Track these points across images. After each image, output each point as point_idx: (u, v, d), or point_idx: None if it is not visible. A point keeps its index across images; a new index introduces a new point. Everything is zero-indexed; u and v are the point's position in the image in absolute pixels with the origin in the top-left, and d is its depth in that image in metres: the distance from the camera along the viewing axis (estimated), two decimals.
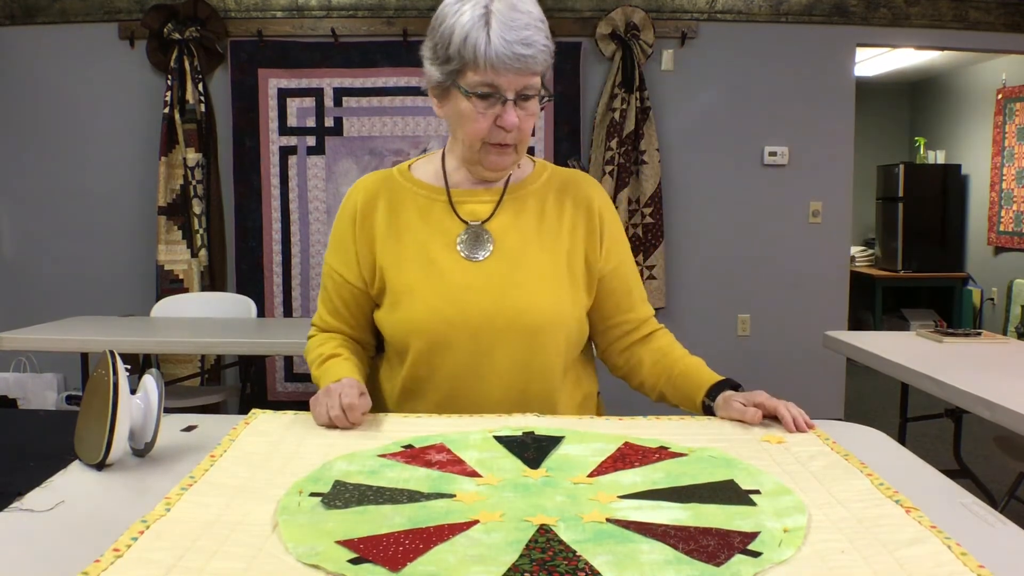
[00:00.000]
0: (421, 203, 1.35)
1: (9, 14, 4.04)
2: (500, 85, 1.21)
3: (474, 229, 1.33)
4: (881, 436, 1.21)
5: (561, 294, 1.32)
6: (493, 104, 1.23)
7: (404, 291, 1.31)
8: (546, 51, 1.23)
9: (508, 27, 1.18)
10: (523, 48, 1.19)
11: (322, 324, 1.42)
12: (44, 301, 4.08)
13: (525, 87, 1.22)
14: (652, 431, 1.16)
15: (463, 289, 1.29)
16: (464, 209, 1.34)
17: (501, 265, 1.31)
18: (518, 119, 1.24)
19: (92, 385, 1.04)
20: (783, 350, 4.28)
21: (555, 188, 1.38)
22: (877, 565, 0.74)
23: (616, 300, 1.40)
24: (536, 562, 0.73)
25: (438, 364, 1.30)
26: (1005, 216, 5.72)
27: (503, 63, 1.19)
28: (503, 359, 1.28)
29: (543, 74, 1.25)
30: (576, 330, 1.36)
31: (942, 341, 2.46)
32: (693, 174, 4.22)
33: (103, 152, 4.11)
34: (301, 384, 4.18)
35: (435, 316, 1.28)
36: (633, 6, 4.04)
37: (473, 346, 1.28)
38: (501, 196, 1.35)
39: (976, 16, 4.21)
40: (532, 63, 1.20)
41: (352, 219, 1.36)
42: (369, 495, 0.90)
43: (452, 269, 1.30)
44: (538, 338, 1.29)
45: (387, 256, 1.33)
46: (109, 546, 0.75)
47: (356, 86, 4.06)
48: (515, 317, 1.28)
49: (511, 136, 1.25)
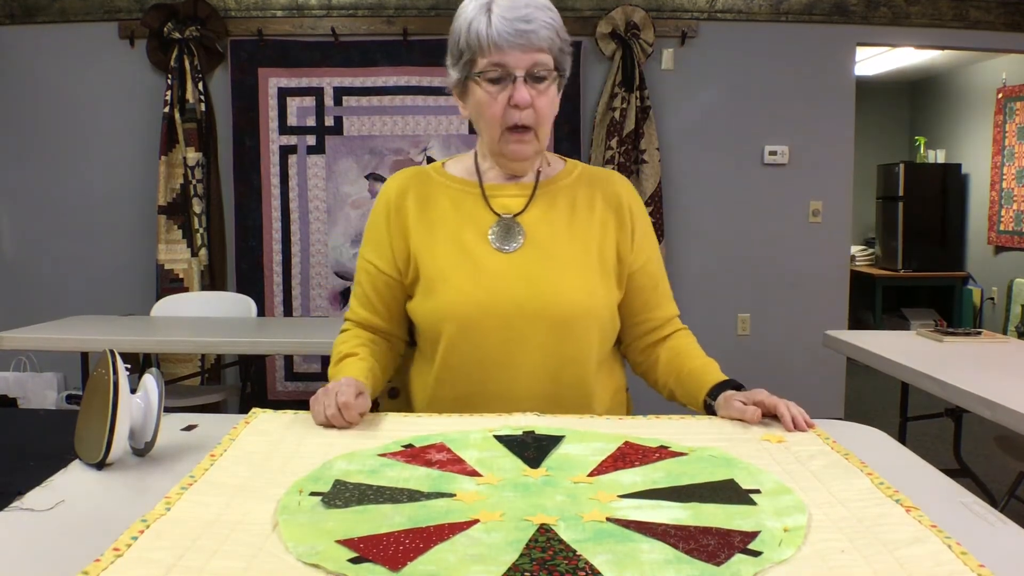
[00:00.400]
0: (454, 195, 1.39)
1: (9, 13, 4.03)
2: (507, 64, 1.25)
3: (506, 221, 1.36)
4: (881, 435, 1.21)
5: (593, 285, 1.34)
6: (505, 86, 1.27)
7: (437, 278, 1.33)
8: (550, 27, 1.26)
9: (508, 8, 1.24)
10: (523, 24, 1.23)
11: (354, 317, 1.43)
12: (44, 300, 4.08)
13: (533, 64, 1.26)
14: (652, 431, 1.16)
15: (495, 277, 1.31)
16: (496, 202, 1.37)
17: (532, 256, 1.33)
18: (530, 97, 1.26)
19: (92, 384, 1.04)
20: (783, 349, 4.28)
21: (585, 184, 1.42)
22: (877, 564, 0.74)
23: (644, 297, 1.41)
24: (536, 561, 0.73)
25: (470, 351, 1.31)
26: (1005, 215, 5.72)
27: (505, 40, 1.23)
28: (534, 348, 1.30)
29: (555, 53, 1.28)
30: (608, 321, 1.38)
31: (942, 340, 2.46)
32: (693, 173, 4.22)
33: (103, 151, 4.11)
34: (301, 383, 4.18)
35: (467, 301, 1.30)
36: (633, 5, 4.04)
37: (504, 334, 1.30)
38: (533, 191, 1.38)
39: (976, 15, 4.21)
40: (534, 38, 1.24)
41: (386, 211, 1.40)
42: (369, 494, 0.90)
43: (484, 258, 1.33)
44: (569, 327, 1.31)
45: (420, 244, 1.36)
46: (109, 545, 0.75)
47: (356, 85, 4.06)
48: (546, 306, 1.30)
49: (527, 116, 1.28)
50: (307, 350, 2.76)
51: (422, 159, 4.09)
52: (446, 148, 4.09)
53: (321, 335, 2.74)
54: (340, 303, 4.17)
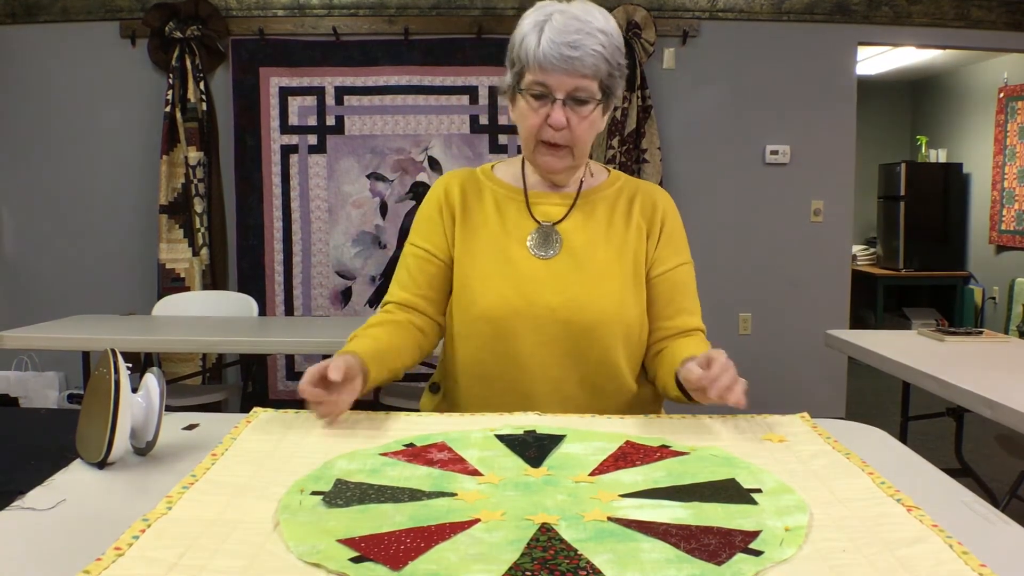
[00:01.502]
0: (499, 199, 1.43)
1: (10, 12, 4.04)
2: (550, 85, 1.29)
3: (545, 229, 1.40)
4: (882, 435, 1.21)
5: (624, 294, 1.37)
6: (545, 104, 1.31)
7: (476, 277, 1.37)
8: (597, 55, 1.27)
9: (559, 31, 1.27)
10: (569, 50, 1.26)
11: (394, 299, 1.43)
12: (45, 299, 4.08)
13: (575, 88, 1.29)
14: (653, 430, 1.16)
15: (530, 281, 1.35)
16: (538, 210, 1.42)
17: (568, 264, 1.37)
18: (566, 120, 1.30)
19: (93, 384, 1.04)
20: (784, 349, 4.28)
21: (626, 196, 1.45)
22: (878, 564, 0.74)
23: (660, 305, 1.42)
24: (537, 561, 0.73)
25: (503, 352, 1.35)
26: (1007, 215, 5.71)
27: (549, 63, 1.27)
28: (563, 353, 1.34)
29: (601, 78, 1.30)
30: (637, 329, 1.39)
31: (943, 340, 2.46)
32: (695, 173, 4.22)
33: (104, 150, 4.12)
34: None
35: (503, 303, 1.34)
36: (635, 4, 4.04)
37: (536, 337, 1.34)
38: (574, 200, 1.42)
39: (978, 15, 4.21)
40: (578, 64, 1.27)
41: (438, 203, 1.44)
42: (370, 494, 0.90)
43: (521, 263, 1.37)
44: (598, 334, 1.34)
45: (462, 244, 1.40)
46: (110, 544, 0.75)
47: (357, 85, 4.06)
48: (577, 311, 1.34)
49: (561, 136, 1.32)
50: (308, 349, 2.75)
51: (423, 158, 4.09)
52: (447, 147, 4.09)
53: (322, 334, 2.74)
54: (341, 302, 4.17)
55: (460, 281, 1.39)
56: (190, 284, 4.03)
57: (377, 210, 4.13)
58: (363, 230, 4.14)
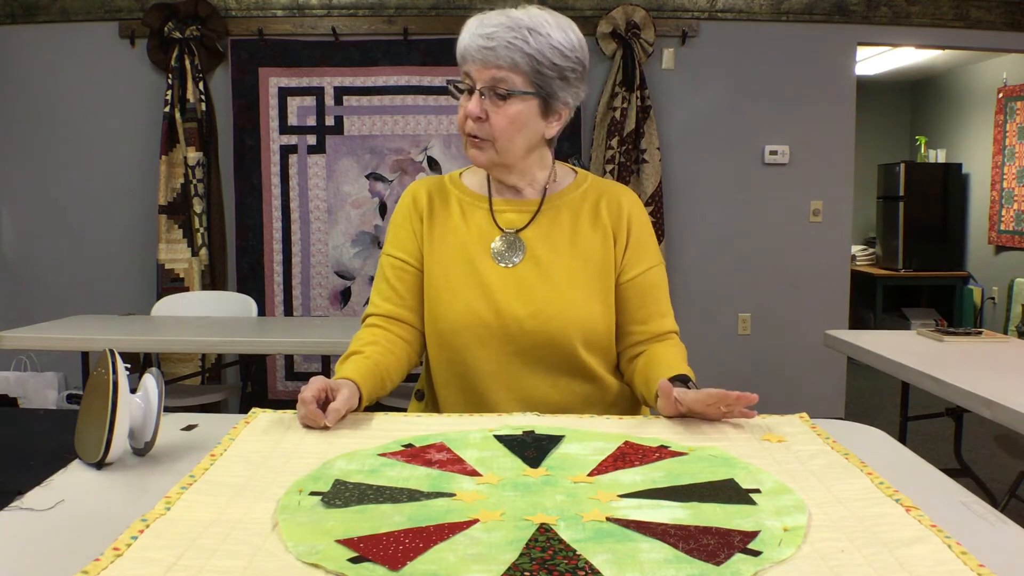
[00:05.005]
0: (465, 207, 1.43)
1: (9, 13, 4.04)
2: (471, 75, 1.30)
3: (508, 236, 1.39)
4: (881, 435, 1.21)
5: (590, 301, 1.36)
6: (469, 97, 1.31)
7: (444, 288, 1.37)
8: (512, 48, 1.26)
9: (481, 24, 1.29)
10: (484, 40, 1.27)
11: (376, 311, 1.42)
12: (44, 300, 4.08)
13: (493, 80, 1.29)
14: (652, 430, 1.16)
15: (496, 291, 1.35)
16: (503, 217, 1.41)
17: (531, 272, 1.37)
18: (484, 112, 1.30)
19: (92, 384, 1.04)
20: (784, 349, 4.28)
21: (591, 199, 1.43)
22: (877, 564, 0.74)
23: (631, 310, 1.41)
24: (536, 561, 0.73)
25: (472, 363, 1.35)
26: (1006, 215, 5.72)
27: (468, 52, 1.29)
28: (534, 360, 1.34)
29: (525, 73, 1.28)
30: (606, 335, 1.39)
31: (943, 340, 2.46)
32: (694, 173, 4.22)
33: (104, 151, 4.11)
34: (302, 383, 4.17)
35: (470, 315, 1.34)
36: (634, 5, 4.04)
37: (508, 347, 1.34)
38: (539, 207, 1.41)
39: (977, 15, 4.21)
40: (491, 56, 1.27)
41: (408, 211, 1.45)
42: (369, 494, 0.90)
43: (486, 271, 1.37)
44: (566, 342, 1.34)
45: (430, 252, 1.41)
46: (109, 545, 0.75)
47: (357, 85, 4.06)
48: (544, 322, 1.33)
49: (480, 129, 1.32)
50: (307, 350, 2.75)
51: (423, 159, 4.09)
52: (447, 148, 4.09)
53: (321, 335, 2.74)
54: (340, 303, 4.17)
55: (429, 293, 1.39)
56: (189, 284, 4.03)
57: (376, 210, 4.13)
58: (362, 230, 4.14)
